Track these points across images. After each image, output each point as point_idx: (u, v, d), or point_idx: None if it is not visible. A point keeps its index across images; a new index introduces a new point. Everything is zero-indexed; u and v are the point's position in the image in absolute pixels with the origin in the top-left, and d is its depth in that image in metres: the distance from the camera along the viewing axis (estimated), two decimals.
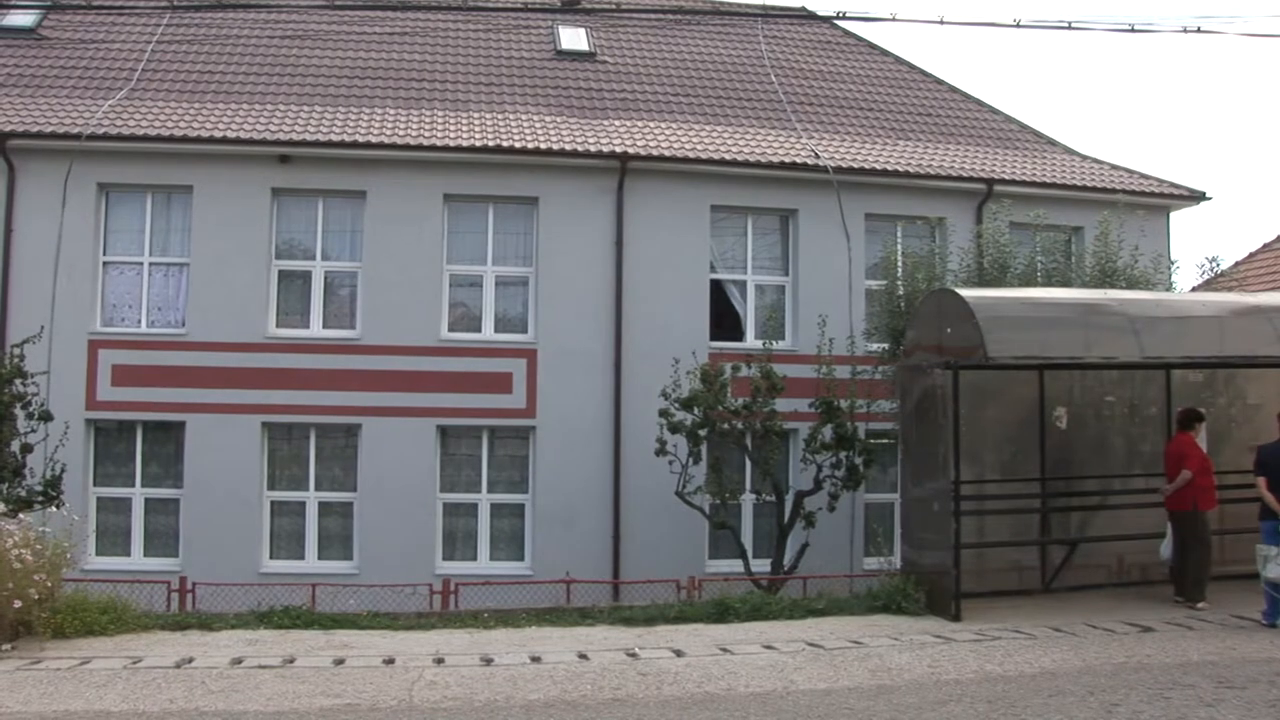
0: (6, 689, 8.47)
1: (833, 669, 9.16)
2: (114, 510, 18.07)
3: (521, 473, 18.62)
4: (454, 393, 18.16)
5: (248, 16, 21.21)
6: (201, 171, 18.24)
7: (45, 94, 19.45)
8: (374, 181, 18.35)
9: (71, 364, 17.60)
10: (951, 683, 8.67)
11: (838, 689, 8.47)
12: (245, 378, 17.90)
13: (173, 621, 11.35)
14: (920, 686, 8.56)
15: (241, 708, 7.92)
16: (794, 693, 8.37)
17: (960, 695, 8.23)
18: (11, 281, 17.92)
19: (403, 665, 9.32)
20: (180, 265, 18.42)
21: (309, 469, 18.29)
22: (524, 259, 18.87)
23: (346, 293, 18.69)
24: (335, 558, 18.08)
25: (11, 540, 10.08)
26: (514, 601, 14.29)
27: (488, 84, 20.78)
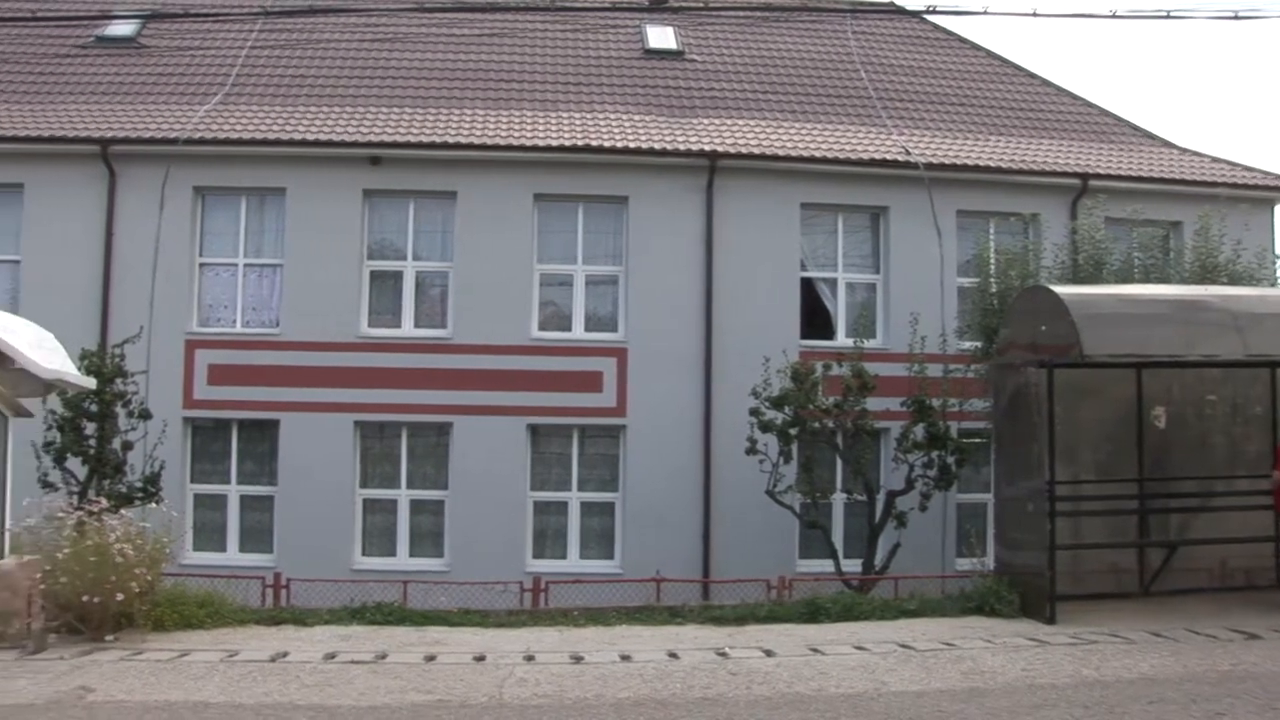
0: (111, 678, 9.04)
1: (925, 671, 9.27)
2: (210, 507, 19.15)
3: (611, 471, 19.30)
4: (544, 391, 18.91)
5: (339, 20, 22.26)
6: (294, 174, 19.30)
7: (144, 101, 20.67)
8: (464, 182, 19.23)
9: (169, 363, 18.71)
10: (1046, 687, 8.72)
11: (930, 691, 8.58)
12: (338, 377, 18.85)
13: (268, 616, 11.98)
14: (1014, 690, 8.63)
15: (335, 702, 8.32)
16: (885, 694, 8.49)
17: (1055, 700, 8.30)
18: (112, 283, 19.10)
19: (493, 662, 9.65)
20: (274, 266, 19.47)
21: (401, 467, 19.20)
22: (614, 258, 19.60)
23: (437, 292, 19.57)
24: (426, 555, 18.92)
25: (114, 535, 10.71)
26: (603, 600, 14.58)
27: (576, 84, 21.56)
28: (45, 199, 19.37)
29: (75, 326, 17.03)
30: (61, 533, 10.99)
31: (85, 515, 11.13)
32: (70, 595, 10.51)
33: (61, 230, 19.21)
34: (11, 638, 10.37)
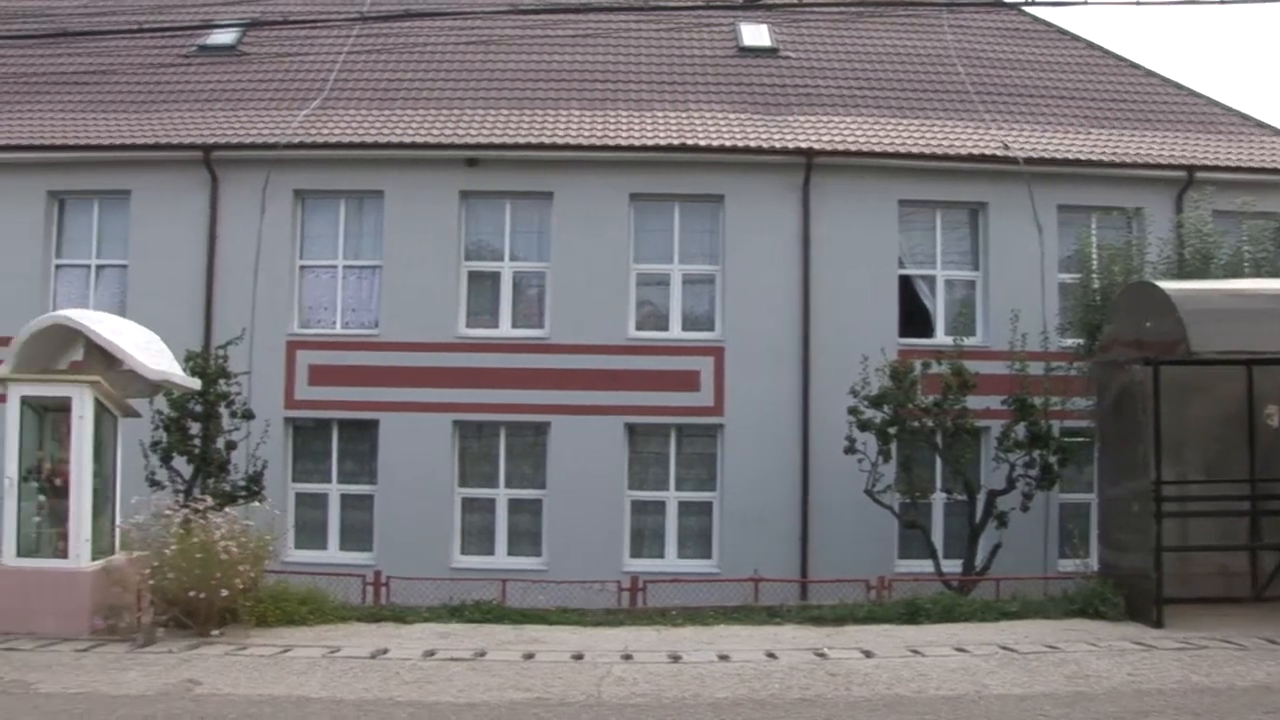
0: (216, 672, 9.34)
1: (1027, 674, 9.18)
2: (311, 505, 19.79)
3: (709, 470, 19.56)
4: (642, 391, 19.25)
5: (434, 24, 22.75)
6: (392, 176, 19.88)
7: (245, 107, 21.39)
8: (560, 182, 19.65)
9: (271, 364, 19.37)
10: (1154, 692, 8.58)
11: (1032, 695, 8.51)
12: (436, 377, 19.36)
13: (368, 613, 12.23)
14: (1120, 695, 8.52)
15: (434, 699, 8.46)
16: (986, 697, 8.44)
17: (1163, 706, 8.18)
18: (216, 286, 19.85)
19: (591, 661, 9.72)
20: (373, 268, 20.04)
21: (499, 466, 19.67)
22: (710, 257, 19.86)
23: (535, 292, 20.02)
24: (525, 554, 19.36)
25: (219, 533, 10.97)
26: (701, 599, 14.72)
27: (671, 83, 21.86)
28: (151, 205, 20.19)
29: (180, 329, 17.59)
30: (168, 530, 11.29)
31: (191, 513, 11.46)
32: (177, 591, 10.84)
33: (167, 235, 20.00)
34: (122, 631, 10.75)
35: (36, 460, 11.44)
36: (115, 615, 10.88)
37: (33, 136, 20.83)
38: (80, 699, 8.44)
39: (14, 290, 19.84)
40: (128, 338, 11.84)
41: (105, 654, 10.08)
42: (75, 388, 11.38)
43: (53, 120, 21.49)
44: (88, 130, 21.01)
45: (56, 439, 11.48)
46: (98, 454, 11.42)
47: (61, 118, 21.59)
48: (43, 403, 11.56)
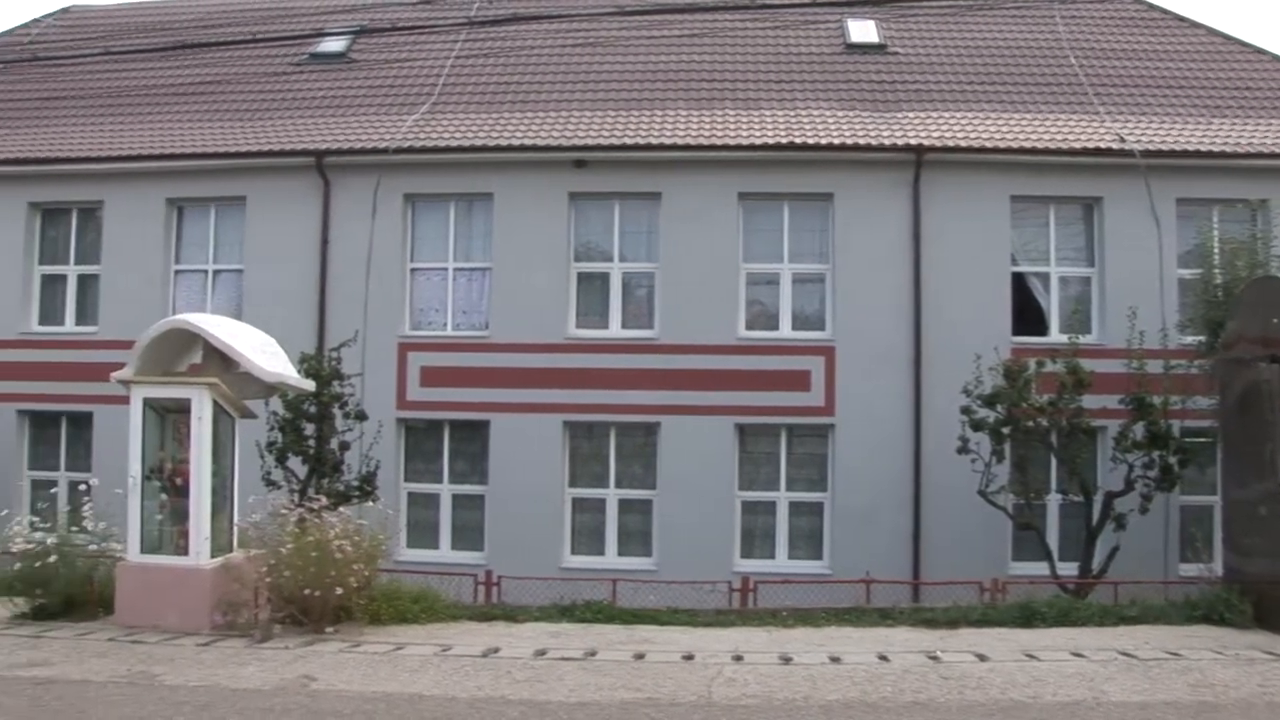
0: (332, 668, 9.73)
1: (1148, 681, 9.09)
2: (423, 505, 20.39)
3: (820, 471, 19.73)
4: (752, 391, 19.48)
5: (541, 27, 23.31)
6: (501, 179, 20.40)
7: (355, 113, 22.12)
8: (669, 182, 19.98)
9: (383, 366, 20.03)
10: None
11: (1154, 703, 8.39)
12: (546, 377, 19.82)
13: (480, 613, 12.57)
14: (1249, 706, 8.35)
15: (545, 698, 8.67)
16: (1105, 704, 8.37)
17: None
18: (328, 289, 20.56)
19: (702, 662, 9.87)
20: (483, 270, 20.60)
21: (609, 466, 20.08)
22: (820, 256, 20.03)
23: (644, 293, 20.39)
24: (635, 554, 19.72)
25: (333, 532, 11.41)
26: (812, 600, 14.59)
27: (778, 81, 22.09)
28: (265, 210, 21.03)
29: (294, 331, 18.35)
30: (284, 529, 11.72)
31: (306, 512, 11.88)
32: (293, 588, 11.28)
33: (281, 240, 20.82)
34: (240, 627, 11.25)
35: (158, 460, 12.01)
36: (234, 611, 11.40)
37: (152, 146, 21.81)
38: (202, 691, 8.87)
39: (136, 295, 20.87)
40: (244, 341, 12.34)
41: (225, 649, 10.57)
42: (195, 390, 11.93)
43: (171, 129, 22.46)
44: (204, 139, 21.92)
45: (177, 439, 12.05)
46: (216, 454, 11.96)
47: (179, 127, 22.54)
48: (164, 404, 12.12)
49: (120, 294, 21.33)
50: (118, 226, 21.71)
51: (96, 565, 12.20)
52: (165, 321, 12.86)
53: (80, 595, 12.03)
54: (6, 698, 8.67)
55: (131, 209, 21.52)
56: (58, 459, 21.96)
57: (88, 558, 12.19)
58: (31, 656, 10.20)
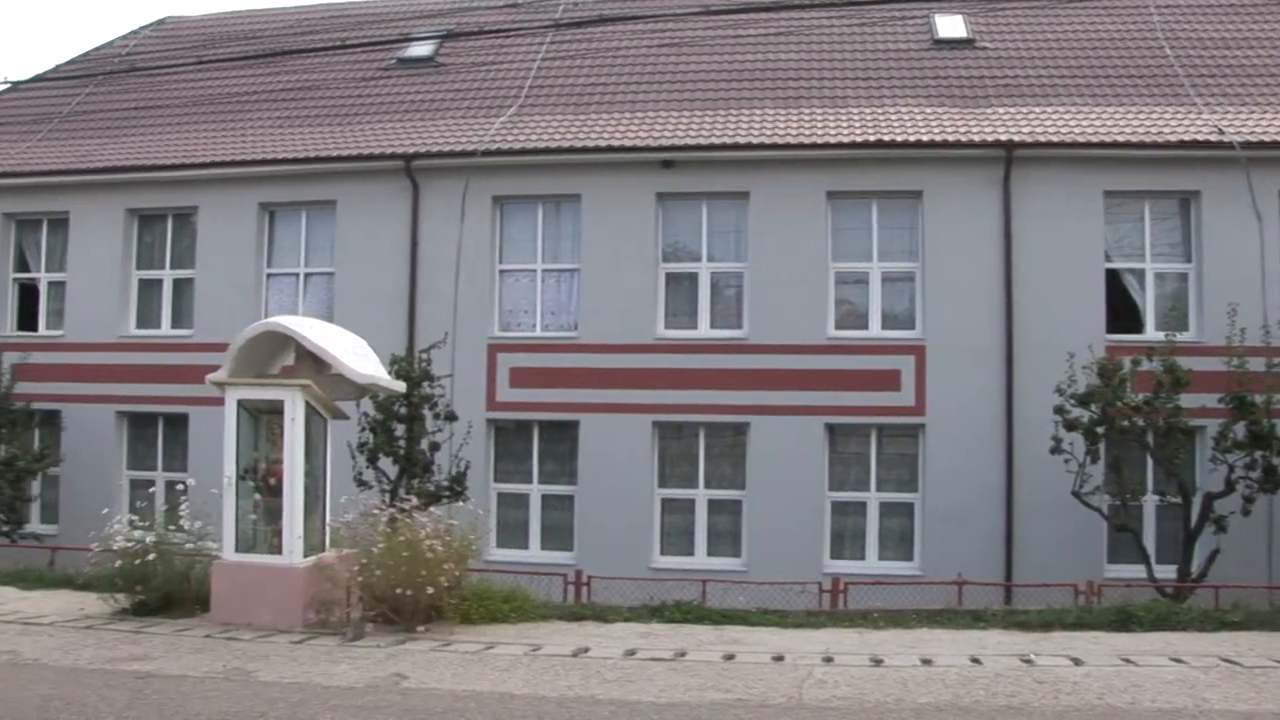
0: (423, 667, 9.80)
1: (1253, 690, 8.78)
2: (513, 505, 20.74)
3: (910, 471, 19.73)
4: (841, 390, 19.53)
5: (627, 28, 23.56)
6: (589, 180, 20.67)
7: (444, 116, 22.53)
8: (756, 182, 20.10)
9: (473, 367, 20.39)
10: None
11: (1260, 713, 8.14)
12: (635, 378, 20.05)
13: (569, 612, 12.61)
14: None
15: (635, 698, 8.65)
16: (1207, 712, 8.14)
17: None
18: (418, 291, 20.98)
19: (792, 663, 9.79)
20: (571, 271, 20.88)
21: (698, 467, 20.24)
22: (909, 254, 20.00)
23: (732, 293, 20.52)
24: (724, 554, 19.87)
25: (424, 532, 11.48)
26: (902, 602, 14.65)
27: (865, 78, 22.13)
28: (355, 214, 21.50)
29: (384, 333, 18.64)
30: (376, 528, 11.89)
31: (397, 512, 12.03)
32: (384, 587, 11.38)
33: (370, 242, 21.28)
34: (333, 625, 11.41)
35: (252, 460, 12.23)
36: (326, 610, 11.60)
37: (245, 152, 22.41)
38: (295, 688, 9.05)
39: (230, 299, 21.47)
40: (336, 343, 12.53)
41: (318, 646, 10.76)
42: (287, 391, 12.12)
43: (263, 135, 23.06)
44: (295, 144, 22.47)
45: (270, 440, 12.24)
46: (309, 454, 12.13)
47: (271, 133, 23.11)
48: (257, 405, 12.34)
49: (214, 297, 21.98)
50: (211, 231, 22.35)
51: (193, 563, 12.47)
52: (259, 324, 13.11)
53: (178, 592, 12.35)
54: (109, 690, 8.99)
55: (225, 214, 22.14)
56: (155, 459, 22.64)
57: (185, 556, 12.45)
58: (132, 651, 10.55)
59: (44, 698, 8.68)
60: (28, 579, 14.83)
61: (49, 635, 11.39)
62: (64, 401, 22.61)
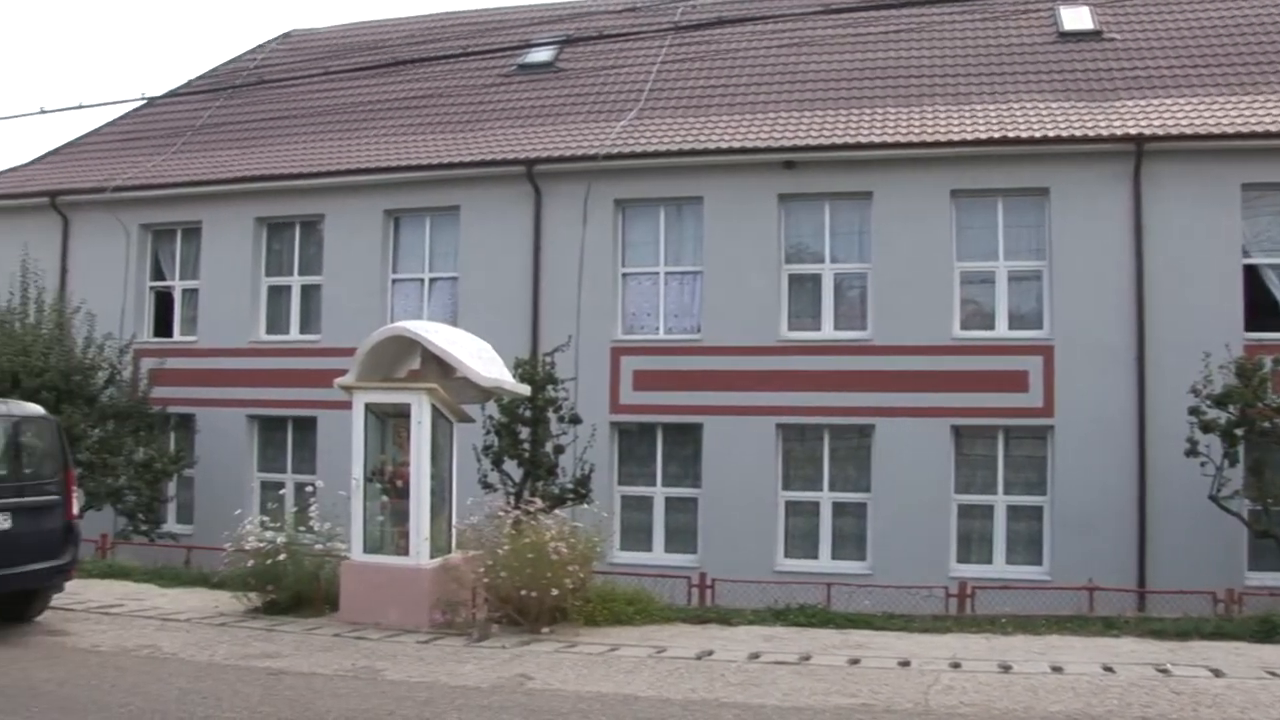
0: (548, 668, 9.97)
1: None
2: (636, 508, 21.01)
3: (1039, 474, 19.49)
4: (967, 392, 19.38)
5: (747, 29, 23.76)
6: (710, 182, 20.87)
7: (564, 121, 22.97)
8: (879, 181, 20.09)
9: (596, 370, 20.71)
10: None
11: None
12: (759, 380, 20.18)
13: (693, 615, 12.70)
14: None
15: (759, 701, 8.68)
16: None
17: None
18: (541, 295, 21.38)
19: (918, 668, 9.73)
20: (693, 273, 21.11)
21: (823, 469, 20.31)
22: (1036, 252, 19.75)
23: (856, 294, 20.55)
24: (849, 558, 19.89)
25: (549, 534, 11.68)
26: (1031, 607, 14.47)
27: (989, 74, 22.00)
28: (478, 219, 22.02)
29: (508, 337, 18.90)
30: (501, 531, 12.10)
31: (522, 515, 12.26)
32: (509, 589, 11.61)
33: (493, 247, 21.79)
34: (459, 626, 11.63)
35: (379, 463, 12.58)
36: (452, 610, 11.82)
37: (370, 160, 23.05)
38: (422, 688, 9.28)
39: (356, 304, 22.13)
40: (462, 347, 12.79)
41: (444, 646, 11.01)
42: (414, 395, 12.40)
43: (387, 143, 23.71)
44: (419, 151, 23.05)
45: (397, 443, 12.57)
46: (435, 457, 12.42)
47: (395, 141, 23.73)
48: (384, 409, 12.70)
49: (341, 303, 22.68)
50: (338, 238, 23.04)
51: (322, 563, 12.87)
52: (385, 329, 13.49)
53: (307, 592, 12.77)
54: (243, 685, 9.40)
55: (351, 221, 22.78)
56: (285, 461, 23.41)
57: (314, 556, 12.87)
58: (264, 648, 10.99)
59: (182, 691, 9.16)
60: (165, 577, 15.56)
61: (186, 631, 11.95)
62: (198, 405, 23.48)
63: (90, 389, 21.81)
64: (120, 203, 24.46)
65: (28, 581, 11.89)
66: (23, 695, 9.02)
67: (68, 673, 9.90)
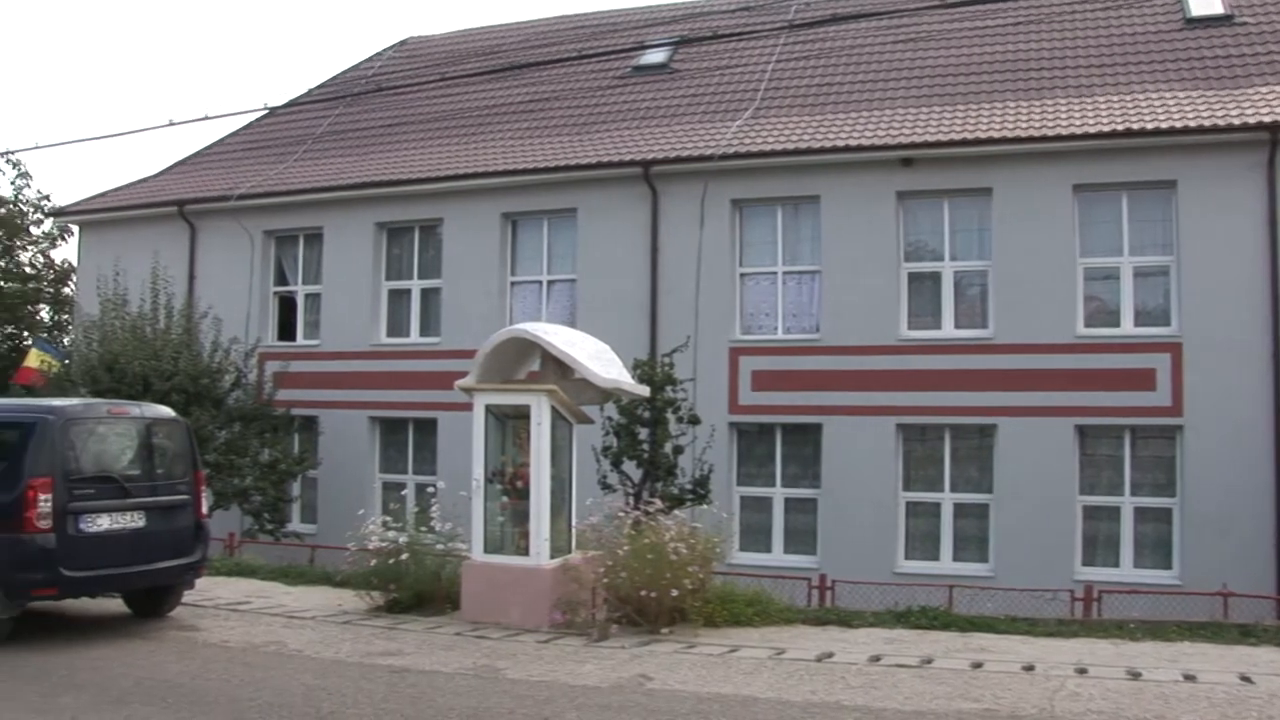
0: (667, 668, 10.10)
1: None
2: (755, 508, 21.16)
3: (1167, 475, 19.11)
4: (1091, 391, 19.11)
5: (862, 25, 23.74)
6: (827, 181, 20.92)
7: (680, 122, 23.19)
8: (999, 177, 19.92)
9: (715, 371, 20.93)
10: None
11: None
12: (878, 380, 20.20)
13: (813, 616, 12.75)
14: None
15: (880, 704, 8.71)
16: None
17: None
18: (659, 296, 21.65)
19: (1042, 673, 9.66)
20: (811, 273, 21.18)
21: (944, 470, 20.22)
22: (1163, 247, 19.35)
23: (976, 292, 20.40)
24: (970, 559, 19.78)
25: (668, 534, 11.84)
26: (1160, 612, 14.08)
27: (1112, 64, 21.64)
28: (596, 221, 22.40)
29: (626, 338, 19.24)
30: (621, 531, 12.38)
31: (641, 515, 12.46)
32: (629, 589, 11.76)
33: (611, 248, 22.11)
34: (578, 626, 11.81)
35: (500, 464, 12.90)
36: (572, 610, 12.00)
37: (487, 163, 23.52)
38: (543, 687, 9.50)
39: (475, 307, 22.61)
40: (581, 348, 13.01)
41: (563, 646, 11.24)
42: (534, 396, 12.66)
43: (504, 147, 24.20)
44: (536, 154, 23.47)
45: (517, 444, 12.88)
46: (555, 458, 12.67)
47: (511, 144, 24.22)
48: (504, 410, 13.03)
49: (460, 306, 23.19)
50: (456, 242, 23.52)
51: (443, 563, 13.25)
52: (505, 331, 13.77)
53: (429, 591, 13.13)
54: (366, 682, 9.78)
55: (469, 224, 23.25)
56: (405, 462, 23.98)
57: (435, 556, 13.23)
58: (386, 646, 11.38)
59: (308, 687, 9.59)
60: (290, 575, 16.17)
61: (310, 629, 12.46)
62: (321, 407, 24.19)
63: (217, 392, 22.60)
64: (245, 210, 25.36)
65: (160, 578, 12.53)
66: (158, 688, 9.57)
67: (199, 667, 10.45)
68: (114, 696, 9.21)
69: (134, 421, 12.62)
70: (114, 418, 12.57)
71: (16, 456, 11.42)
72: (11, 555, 11.11)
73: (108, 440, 12.45)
